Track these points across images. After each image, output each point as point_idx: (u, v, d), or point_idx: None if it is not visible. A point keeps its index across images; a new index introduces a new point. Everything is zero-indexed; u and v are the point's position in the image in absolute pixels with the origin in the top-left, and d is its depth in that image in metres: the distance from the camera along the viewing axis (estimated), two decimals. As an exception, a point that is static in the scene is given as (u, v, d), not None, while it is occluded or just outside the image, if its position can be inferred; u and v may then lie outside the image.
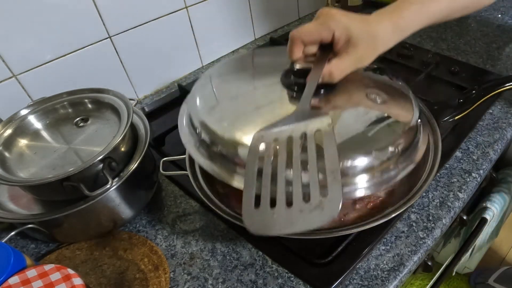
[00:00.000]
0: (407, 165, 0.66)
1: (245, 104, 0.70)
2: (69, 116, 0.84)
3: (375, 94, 0.72)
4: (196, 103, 0.72)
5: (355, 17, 0.68)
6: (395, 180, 0.64)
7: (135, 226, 0.83)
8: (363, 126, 0.66)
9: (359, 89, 0.74)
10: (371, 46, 0.68)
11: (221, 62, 0.85)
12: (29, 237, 0.83)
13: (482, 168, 0.87)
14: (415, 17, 0.70)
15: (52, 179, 0.68)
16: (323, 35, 0.68)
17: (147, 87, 1.23)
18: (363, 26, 0.67)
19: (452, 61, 1.20)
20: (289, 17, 1.56)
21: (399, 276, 0.70)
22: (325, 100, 0.70)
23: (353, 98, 0.73)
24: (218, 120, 0.66)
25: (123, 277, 0.74)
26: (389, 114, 0.69)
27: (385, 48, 0.70)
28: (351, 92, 0.73)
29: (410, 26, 0.70)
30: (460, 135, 0.93)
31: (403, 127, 0.67)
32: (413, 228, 0.77)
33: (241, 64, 0.84)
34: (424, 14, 0.71)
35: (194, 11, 1.21)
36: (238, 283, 0.71)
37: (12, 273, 0.58)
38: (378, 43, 0.68)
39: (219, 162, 0.64)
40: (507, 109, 1.00)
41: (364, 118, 0.68)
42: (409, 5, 0.70)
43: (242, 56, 0.87)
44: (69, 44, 0.99)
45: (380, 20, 0.69)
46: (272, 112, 0.67)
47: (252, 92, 0.74)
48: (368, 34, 0.67)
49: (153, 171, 0.88)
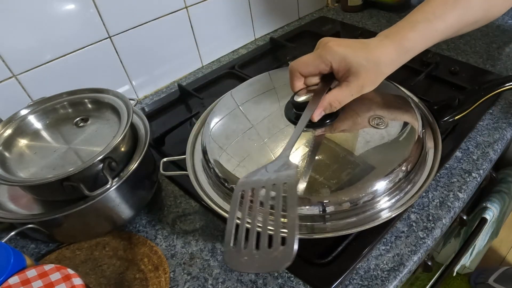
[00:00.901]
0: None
1: (252, 141, 0.74)
2: (69, 116, 0.84)
3: (377, 118, 0.74)
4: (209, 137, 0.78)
5: (354, 45, 0.68)
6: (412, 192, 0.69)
7: (135, 226, 0.83)
8: (370, 151, 0.70)
9: (361, 113, 0.75)
10: (374, 73, 0.67)
11: (237, 88, 0.89)
12: (29, 237, 0.83)
13: (482, 168, 0.87)
14: (421, 37, 0.68)
15: (52, 179, 0.68)
16: (320, 68, 0.69)
17: (147, 87, 1.23)
18: (363, 54, 0.66)
19: (452, 61, 1.21)
20: (289, 17, 1.56)
21: (399, 276, 0.70)
22: (329, 127, 0.73)
23: (355, 124, 0.74)
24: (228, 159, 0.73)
25: (123, 277, 0.75)
26: (393, 135, 0.72)
27: (390, 72, 0.69)
28: (353, 118, 0.74)
29: (416, 47, 0.69)
30: (460, 135, 0.93)
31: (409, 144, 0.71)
32: (413, 228, 0.77)
33: (253, 90, 0.87)
34: (431, 34, 0.68)
35: (194, 11, 1.21)
36: (238, 283, 0.72)
37: (12, 273, 0.58)
38: (381, 69, 0.67)
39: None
40: (507, 109, 1.00)
41: (368, 143, 0.71)
42: (415, 25, 0.68)
43: (256, 80, 0.90)
44: (69, 44, 1.00)
45: (383, 44, 0.68)
46: (273, 151, 0.71)
47: (260, 125, 0.77)
48: (369, 61, 0.66)
49: (153, 171, 0.88)
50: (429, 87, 1.12)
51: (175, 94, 1.20)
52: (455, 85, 1.09)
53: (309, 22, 1.56)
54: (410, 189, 0.69)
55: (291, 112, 0.75)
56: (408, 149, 0.69)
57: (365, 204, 0.66)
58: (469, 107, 0.83)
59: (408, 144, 0.70)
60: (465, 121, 0.89)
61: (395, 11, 1.56)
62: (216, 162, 0.73)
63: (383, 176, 0.66)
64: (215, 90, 1.21)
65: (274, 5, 1.46)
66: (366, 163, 0.68)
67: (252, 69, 1.30)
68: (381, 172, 0.66)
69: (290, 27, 1.54)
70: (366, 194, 0.65)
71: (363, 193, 0.65)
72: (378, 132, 0.72)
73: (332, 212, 0.65)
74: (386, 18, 1.52)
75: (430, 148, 0.76)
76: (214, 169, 0.73)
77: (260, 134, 0.74)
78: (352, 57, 0.66)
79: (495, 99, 1.03)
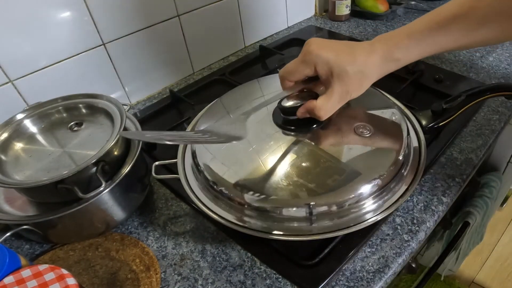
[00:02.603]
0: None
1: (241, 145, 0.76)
2: (64, 120, 0.85)
3: (362, 126, 0.76)
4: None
5: (339, 49, 0.67)
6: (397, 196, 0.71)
7: (127, 228, 0.84)
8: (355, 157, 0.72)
9: (347, 121, 0.77)
10: (358, 79, 0.66)
11: (227, 94, 0.91)
12: (23, 238, 0.84)
13: (465, 173, 0.89)
14: (416, 47, 0.65)
15: (47, 182, 0.69)
16: (306, 73, 0.69)
17: (139, 93, 1.24)
18: (347, 59, 0.65)
19: (437, 69, 1.23)
20: (278, 25, 1.58)
21: (384, 277, 0.72)
22: (317, 135, 0.75)
23: (341, 132, 0.75)
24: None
25: (115, 277, 0.75)
26: (379, 145, 0.75)
27: (375, 79, 0.68)
28: (339, 126, 0.76)
29: (408, 56, 0.66)
30: (444, 141, 0.95)
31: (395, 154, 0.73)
32: (398, 231, 0.78)
33: (242, 96, 0.89)
34: (429, 45, 0.65)
35: (186, 19, 1.23)
36: (228, 284, 0.73)
37: (7, 273, 0.59)
38: (365, 75, 0.67)
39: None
40: (490, 116, 1.02)
41: (353, 150, 0.73)
42: (412, 33, 0.65)
43: (245, 86, 0.91)
44: (64, 50, 1.01)
45: (372, 50, 0.66)
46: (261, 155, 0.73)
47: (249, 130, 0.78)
48: (353, 68, 0.65)
49: (145, 174, 0.89)
50: (414, 94, 1.14)
51: (167, 99, 1.22)
52: (440, 92, 1.11)
53: (298, 31, 1.58)
54: (395, 193, 0.71)
55: (279, 117, 0.77)
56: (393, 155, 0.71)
57: (351, 207, 0.68)
58: (453, 114, 0.85)
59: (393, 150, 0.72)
60: (449, 127, 0.90)
61: (381, 21, 1.58)
62: (206, 166, 0.74)
63: (368, 180, 0.68)
64: (205, 96, 1.22)
65: (263, 14, 1.48)
66: (352, 168, 0.70)
67: (242, 76, 1.32)
68: (366, 176, 0.68)
69: (279, 35, 1.56)
70: (351, 197, 0.67)
71: (348, 196, 0.67)
72: (363, 140, 0.74)
73: (318, 214, 0.67)
74: (373, 27, 1.54)
75: (415, 154, 0.78)
76: (204, 173, 0.74)
77: (249, 139, 0.76)
78: (334, 61, 0.65)
79: (479, 107, 1.05)
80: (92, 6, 1.00)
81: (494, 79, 1.18)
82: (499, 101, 1.07)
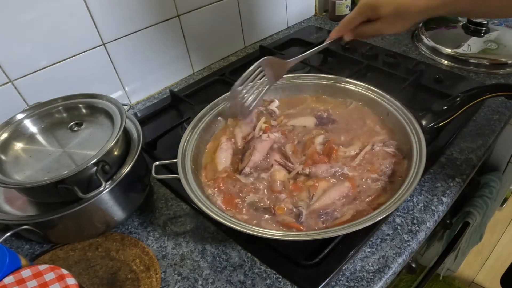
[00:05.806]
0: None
1: None
2: (64, 120, 0.85)
3: None
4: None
5: None
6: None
7: (127, 228, 0.85)
8: None
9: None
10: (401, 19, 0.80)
11: None
12: (24, 238, 0.84)
13: (465, 173, 0.89)
14: None
15: (47, 182, 0.70)
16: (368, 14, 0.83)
17: (139, 93, 1.25)
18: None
19: (437, 69, 1.23)
20: (278, 25, 1.58)
21: (384, 277, 0.72)
22: None
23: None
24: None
25: (115, 277, 0.75)
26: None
27: (416, 20, 0.81)
28: None
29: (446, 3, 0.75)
30: (444, 141, 0.95)
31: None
32: (398, 231, 0.79)
33: None
34: None
35: (186, 20, 1.23)
36: (228, 284, 0.73)
37: (7, 273, 0.59)
38: (407, 15, 0.79)
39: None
40: (490, 116, 1.02)
41: None
42: None
43: None
44: (64, 50, 1.01)
45: None
46: None
47: None
48: (398, 9, 0.78)
49: (145, 174, 0.89)
50: (414, 94, 1.14)
51: (167, 99, 1.22)
52: (440, 92, 1.11)
53: (298, 31, 1.58)
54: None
55: None
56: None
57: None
58: (453, 114, 0.85)
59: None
60: (449, 127, 0.90)
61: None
62: None
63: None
64: (205, 96, 1.21)
65: (263, 14, 1.48)
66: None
67: (242, 76, 1.31)
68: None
69: (279, 35, 1.56)
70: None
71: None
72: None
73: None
74: (373, 27, 1.52)
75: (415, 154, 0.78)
76: None
77: None
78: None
79: (479, 107, 1.05)
80: (92, 6, 1.00)
81: (494, 79, 1.18)
82: (499, 101, 1.07)
